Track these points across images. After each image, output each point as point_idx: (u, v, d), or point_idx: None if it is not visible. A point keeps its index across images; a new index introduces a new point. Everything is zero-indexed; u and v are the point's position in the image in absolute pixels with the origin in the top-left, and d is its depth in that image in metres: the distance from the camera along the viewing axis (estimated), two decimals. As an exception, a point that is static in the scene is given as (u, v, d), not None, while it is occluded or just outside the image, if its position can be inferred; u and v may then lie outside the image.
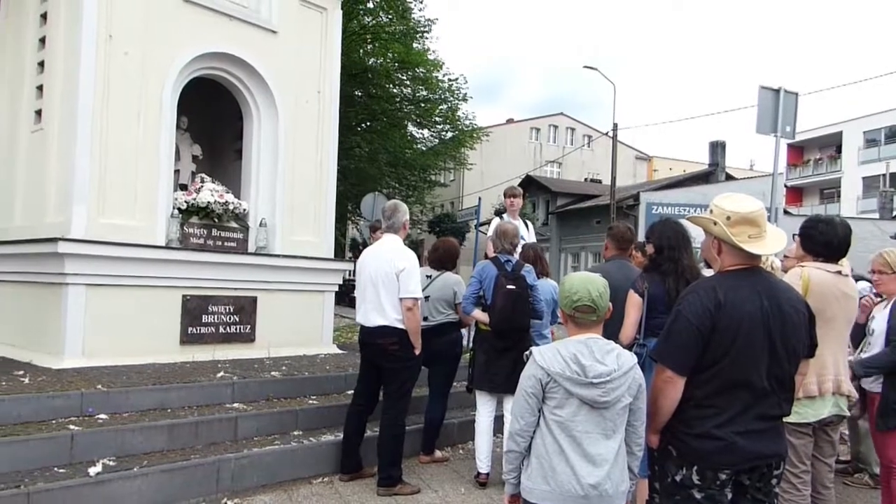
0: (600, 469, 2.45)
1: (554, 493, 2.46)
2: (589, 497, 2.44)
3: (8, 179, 6.82)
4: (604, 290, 2.59)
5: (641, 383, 2.55)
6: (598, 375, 2.45)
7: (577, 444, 2.47)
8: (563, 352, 2.51)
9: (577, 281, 2.62)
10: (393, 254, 4.82)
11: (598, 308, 2.57)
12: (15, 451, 3.96)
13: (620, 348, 2.59)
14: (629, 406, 2.52)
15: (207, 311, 6.60)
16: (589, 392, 2.45)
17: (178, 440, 4.61)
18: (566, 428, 2.48)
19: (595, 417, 2.48)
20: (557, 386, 2.48)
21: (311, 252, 7.57)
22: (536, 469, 2.52)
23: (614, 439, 2.50)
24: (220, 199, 6.80)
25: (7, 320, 6.57)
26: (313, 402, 5.70)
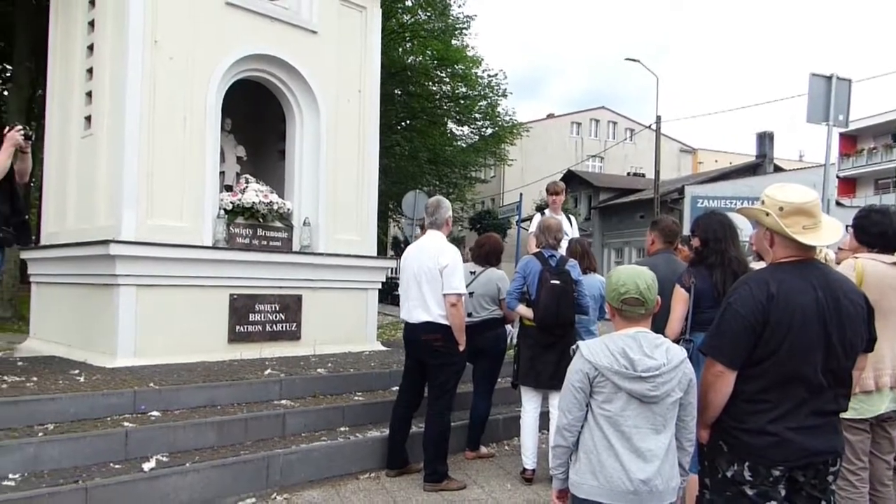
0: (650, 464, 2.42)
1: (603, 488, 2.44)
2: (639, 493, 2.41)
3: (60, 184, 7.05)
4: (652, 283, 2.55)
5: (692, 378, 2.50)
6: (647, 370, 2.41)
7: (626, 439, 2.44)
8: (610, 346, 2.48)
9: (625, 273, 2.58)
10: (436, 250, 4.83)
11: (647, 301, 2.53)
12: (73, 448, 4.09)
13: (670, 342, 2.54)
14: (679, 401, 2.48)
15: (254, 310, 6.72)
16: (638, 386, 2.41)
17: (228, 436, 4.70)
18: (615, 423, 2.45)
19: (645, 412, 2.44)
20: (605, 380, 2.45)
21: (355, 250, 7.64)
22: (585, 464, 2.50)
23: (664, 434, 2.46)
24: (264, 200, 6.91)
25: (62, 321, 6.79)
26: (359, 398, 5.75)
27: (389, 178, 24.26)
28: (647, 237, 4.93)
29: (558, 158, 44.80)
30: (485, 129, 30.91)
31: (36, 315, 7.39)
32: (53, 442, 4.05)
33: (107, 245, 5.72)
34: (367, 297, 7.80)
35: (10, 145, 4.93)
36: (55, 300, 6.98)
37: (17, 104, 15.07)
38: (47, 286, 7.15)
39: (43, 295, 7.26)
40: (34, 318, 7.42)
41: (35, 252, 7.21)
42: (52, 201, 7.27)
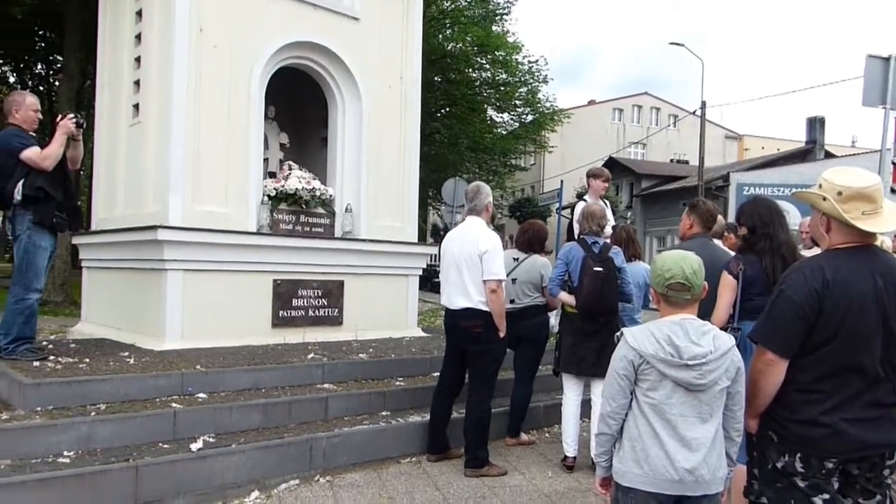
0: (696, 454, 2.38)
1: (647, 476, 2.41)
2: (684, 482, 2.37)
3: (110, 171, 7.22)
4: (698, 268, 2.49)
5: (740, 366, 2.45)
6: (693, 357, 2.36)
7: (671, 427, 2.40)
8: (656, 333, 2.44)
9: (670, 258, 2.53)
10: (476, 235, 4.82)
11: (693, 286, 2.47)
12: (124, 427, 4.20)
13: (717, 329, 2.49)
14: (727, 389, 2.43)
15: (297, 295, 6.81)
16: (684, 374, 2.37)
17: (273, 419, 4.78)
18: (660, 411, 2.42)
19: (691, 400, 2.40)
20: (650, 368, 2.41)
21: (396, 237, 7.68)
22: (629, 452, 2.47)
23: (711, 423, 2.41)
24: (307, 186, 6.97)
25: (112, 305, 6.97)
26: (400, 383, 5.79)
27: (429, 166, 24.30)
28: (683, 221, 4.81)
29: (599, 145, 44.25)
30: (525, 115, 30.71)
31: (87, 299, 7.60)
32: (105, 421, 4.17)
33: (155, 230, 5.84)
34: (407, 284, 7.83)
35: (63, 133, 5.06)
36: (105, 284, 7.17)
37: (68, 94, 15.46)
38: (98, 271, 7.35)
39: (94, 279, 7.47)
40: (85, 302, 7.64)
41: (86, 237, 7.42)
42: (102, 188, 7.45)
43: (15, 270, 5.15)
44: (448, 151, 27.75)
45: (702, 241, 4.59)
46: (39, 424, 3.97)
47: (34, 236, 5.01)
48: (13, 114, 5.09)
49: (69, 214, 5.22)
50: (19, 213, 5.00)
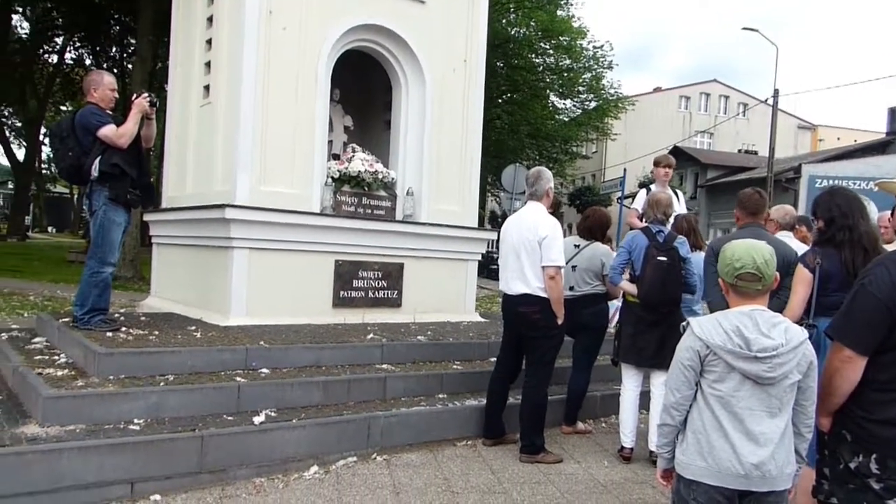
0: (764, 449, 2.32)
1: (711, 469, 2.36)
2: (750, 477, 2.32)
3: (181, 151, 7.44)
4: (770, 258, 2.41)
5: (812, 360, 2.37)
6: (763, 349, 2.30)
7: (738, 420, 2.34)
8: (724, 323, 2.38)
9: (740, 247, 2.45)
10: (535, 221, 4.80)
11: (764, 276, 2.39)
12: (190, 398, 4.35)
13: (789, 322, 2.41)
14: (798, 384, 2.36)
15: (358, 276, 6.90)
16: (753, 367, 2.31)
17: (332, 396, 4.87)
18: (727, 404, 2.36)
19: (759, 394, 2.33)
20: (717, 359, 2.36)
21: (456, 221, 7.69)
22: (693, 444, 2.43)
23: (780, 418, 2.35)
24: (370, 169, 7.04)
25: (180, 280, 7.21)
26: (457, 367, 5.83)
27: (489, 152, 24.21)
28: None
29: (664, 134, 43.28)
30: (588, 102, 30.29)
31: (156, 274, 7.88)
32: (174, 392, 4.32)
33: (223, 209, 5.99)
34: (466, 268, 7.85)
35: (138, 112, 5.23)
36: (174, 260, 7.41)
37: (141, 76, 15.98)
38: (167, 247, 7.60)
39: (163, 255, 7.73)
40: (154, 277, 7.91)
41: (157, 214, 7.67)
42: (172, 167, 7.69)
43: (91, 244, 5.37)
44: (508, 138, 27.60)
45: (752, 230, 4.43)
46: (112, 392, 4.14)
47: (109, 212, 5.21)
48: (91, 92, 5.28)
49: (142, 191, 5.40)
50: (96, 189, 5.21)
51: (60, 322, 5.57)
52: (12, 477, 3.36)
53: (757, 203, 4.54)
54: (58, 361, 4.87)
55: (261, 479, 4.08)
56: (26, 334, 6.12)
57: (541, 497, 4.14)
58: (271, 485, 4.04)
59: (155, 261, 7.92)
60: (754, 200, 4.53)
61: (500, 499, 4.06)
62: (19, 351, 5.23)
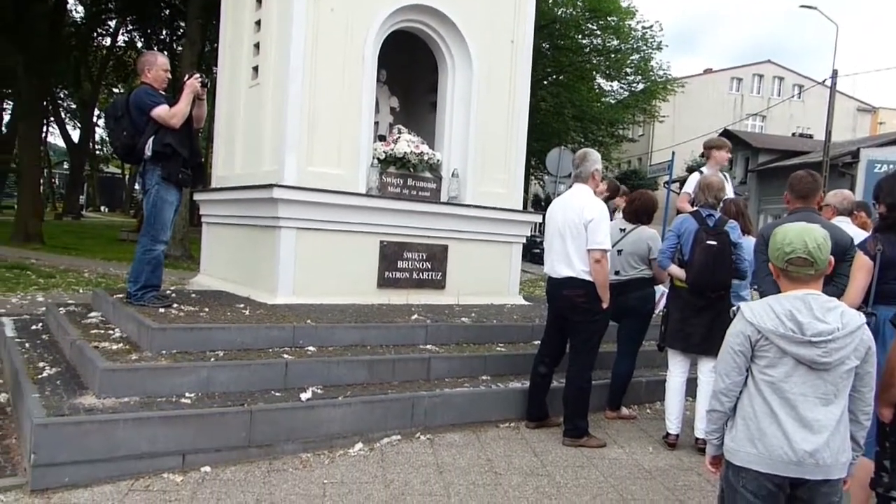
0: (818, 436, 2.27)
1: (762, 457, 2.33)
2: (803, 464, 2.27)
3: (230, 131, 7.56)
4: (823, 241, 2.35)
5: (871, 346, 2.30)
6: (817, 334, 2.25)
7: (791, 407, 2.30)
8: (776, 308, 2.33)
9: (792, 231, 2.39)
10: (581, 204, 4.75)
11: (817, 261, 2.33)
12: (239, 374, 4.45)
13: (845, 306, 2.35)
14: (854, 370, 2.30)
15: (402, 258, 6.95)
16: (807, 352, 2.26)
17: (377, 375, 4.94)
18: (779, 389, 2.32)
19: (813, 380, 2.28)
20: (769, 344, 2.31)
21: (500, 203, 7.66)
22: (742, 431, 2.39)
23: (836, 405, 2.29)
24: (415, 150, 7.06)
25: (228, 259, 7.36)
26: (501, 349, 5.84)
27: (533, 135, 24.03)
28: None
29: (714, 117, 42.33)
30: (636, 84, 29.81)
31: (205, 253, 8.05)
32: (223, 367, 4.42)
33: (270, 189, 6.08)
34: (511, 251, 7.83)
35: (190, 92, 5.33)
36: (223, 239, 7.56)
37: (190, 58, 16.28)
38: (216, 226, 7.75)
39: (212, 234, 7.89)
40: (204, 256, 8.09)
41: (206, 194, 7.82)
42: (221, 147, 7.82)
43: (144, 223, 5.51)
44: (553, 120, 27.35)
45: (805, 215, 4.27)
46: (165, 366, 4.27)
47: (162, 191, 5.33)
48: (145, 73, 5.40)
49: (193, 171, 5.51)
50: (149, 169, 5.33)
51: (115, 298, 5.74)
52: (71, 445, 3.49)
53: (808, 185, 4.33)
54: (113, 336, 5.03)
55: (307, 455, 4.16)
56: (82, 309, 6.33)
57: (584, 481, 4.14)
58: (317, 460, 4.12)
59: (204, 240, 8.10)
60: (805, 182, 4.33)
61: (543, 481, 4.07)
62: (76, 325, 5.41)
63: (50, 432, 3.46)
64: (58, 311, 6.03)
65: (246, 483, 3.71)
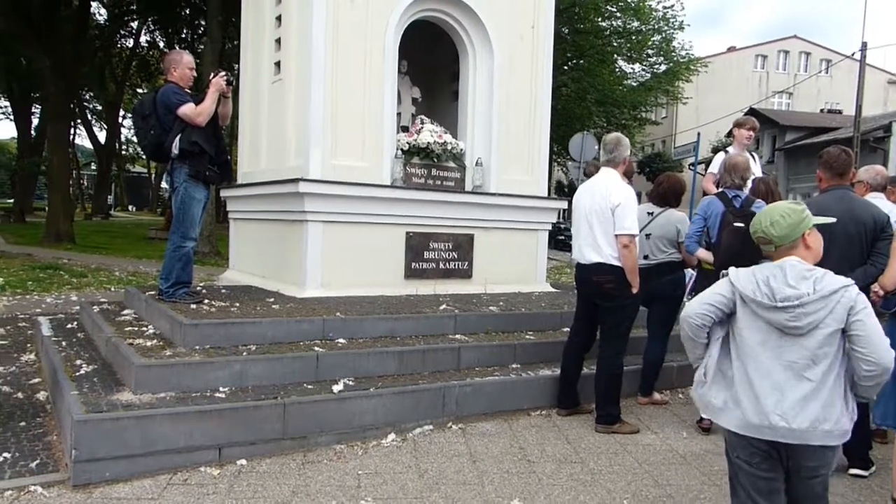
0: (789, 400, 2.31)
1: (740, 420, 2.40)
2: (775, 427, 2.32)
3: (254, 127, 7.61)
4: (779, 218, 2.44)
5: (854, 306, 2.30)
6: (785, 298, 2.32)
7: (765, 371, 2.36)
8: (757, 275, 2.43)
9: (761, 213, 2.53)
10: (608, 188, 4.72)
11: (773, 238, 2.44)
12: (272, 367, 4.49)
13: (831, 274, 2.37)
14: (841, 332, 2.32)
15: (428, 248, 6.95)
16: (776, 316, 2.34)
17: (407, 366, 4.96)
18: (754, 353, 2.39)
19: (789, 345, 2.34)
20: (745, 308, 2.41)
21: (525, 191, 7.63)
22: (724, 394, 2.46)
23: (814, 370, 2.32)
24: (439, 140, 7.04)
25: (256, 254, 7.42)
26: (530, 337, 5.82)
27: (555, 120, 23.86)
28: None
29: (739, 96, 41.67)
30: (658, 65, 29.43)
31: (233, 249, 8.12)
32: (256, 361, 4.47)
33: (296, 183, 6.11)
34: (537, 238, 7.80)
35: (215, 90, 5.36)
36: (250, 235, 7.62)
37: (211, 56, 16.36)
38: (243, 222, 7.82)
39: (239, 230, 7.96)
40: (232, 252, 8.16)
41: (232, 190, 7.89)
42: (246, 143, 7.87)
43: (173, 220, 5.57)
44: (575, 105, 27.13)
45: (839, 193, 4.18)
46: (198, 361, 4.32)
47: (190, 188, 5.38)
48: (171, 72, 5.44)
49: (220, 168, 5.55)
50: (177, 167, 5.39)
51: (147, 295, 5.82)
52: (110, 440, 3.56)
53: (844, 163, 4.24)
54: (146, 332, 5.11)
55: (340, 446, 4.20)
56: (115, 307, 6.43)
57: (618, 467, 4.12)
58: (351, 451, 4.15)
59: (232, 236, 8.17)
60: (841, 160, 4.23)
61: (577, 468, 4.06)
62: (111, 322, 5.50)
63: (89, 428, 3.52)
64: (92, 310, 6.14)
65: (281, 475, 3.75)
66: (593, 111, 27.77)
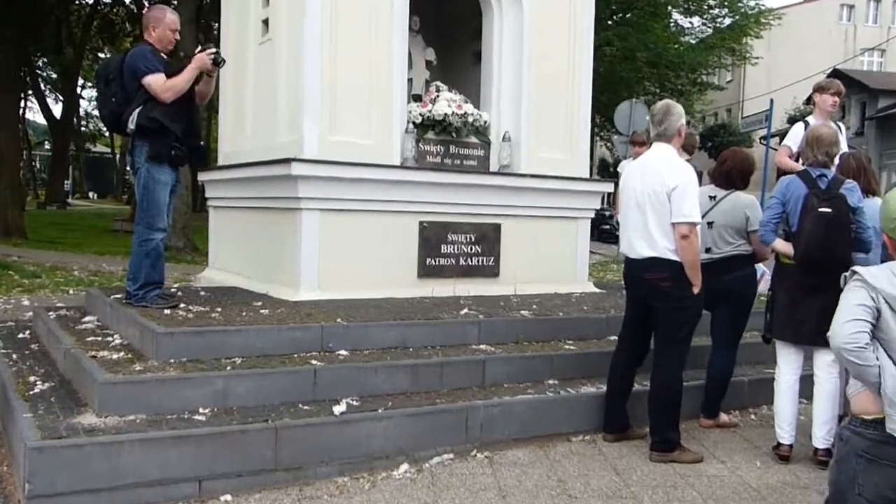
0: None
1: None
2: None
3: (238, 97, 7.64)
4: None
5: None
6: None
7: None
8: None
9: None
10: (663, 167, 4.70)
11: None
12: (260, 384, 4.51)
13: None
14: None
15: (446, 241, 6.96)
16: None
17: (422, 382, 4.96)
18: None
19: None
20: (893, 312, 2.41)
21: (562, 171, 7.61)
22: None
23: None
24: (457, 111, 7.03)
25: (241, 249, 7.46)
26: (569, 347, 5.82)
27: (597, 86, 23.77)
28: None
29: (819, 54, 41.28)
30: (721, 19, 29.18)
31: (214, 243, 8.18)
32: (241, 377, 4.48)
33: (288, 164, 6.11)
34: (577, 228, 7.79)
35: (196, 67, 5.40)
36: (233, 226, 7.67)
37: (188, 13, 16.40)
38: (225, 211, 7.87)
39: (220, 221, 8.01)
40: (212, 246, 8.22)
41: (212, 173, 7.93)
42: (229, 117, 7.91)
43: (137, 209, 5.60)
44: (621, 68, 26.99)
45: None
46: (174, 377, 4.35)
47: (153, 170, 5.39)
48: (150, 31, 5.47)
49: (191, 153, 5.57)
50: (137, 145, 5.41)
51: (112, 299, 5.87)
52: (71, 472, 3.58)
53: None
54: (112, 343, 5.15)
55: (343, 479, 4.21)
56: (75, 313, 6.49)
57: (678, 503, 4.10)
58: (356, 485, 4.16)
59: (212, 227, 8.22)
60: None
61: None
62: (69, 331, 5.55)
63: (46, 457, 3.55)
64: (47, 316, 6.20)
65: (274, 513, 3.77)
66: (644, 74, 27.63)
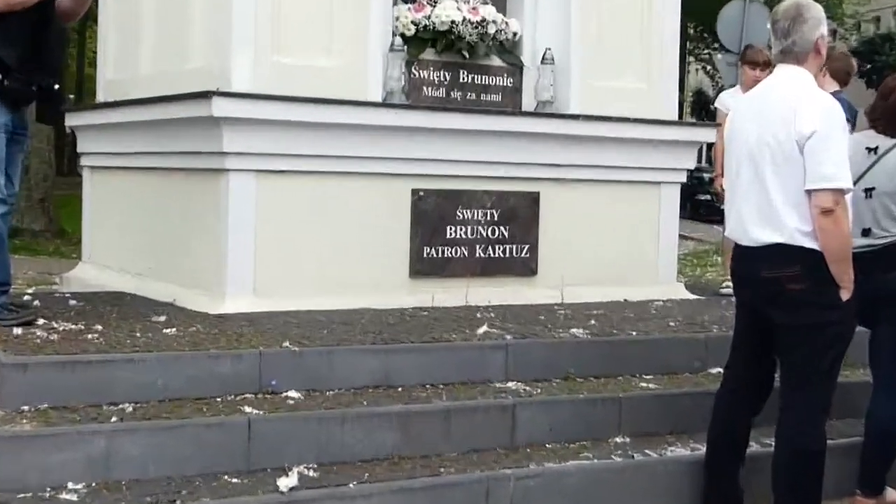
0: None
1: None
2: None
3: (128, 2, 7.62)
4: None
5: None
6: None
7: None
8: None
9: None
10: (794, 104, 4.64)
11: None
12: (163, 443, 4.47)
13: None
14: None
15: (454, 219, 6.97)
16: None
17: (418, 440, 4.94)
18: None
19: None
20: None
21: (635, 111, 7.61)
22: None
23: None
24: (471, 17, 7.00)
25: (130, 234, 7.48)
26: (648, 385, 5.84)
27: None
28: None
29: None
30: None
31: (91, 224, 8.19)
32: (134, 432, 4.46)
33: (207, 100, 6.07)
34: (659, 200, 7.84)
35: None
36: (120, 198, 7.69)
37: None
38: (108, 174, 7.88)
39: (101, 189, 8.03)
40: (88, 231, 8.23)
41: (87, 115, 7.97)
42: (111, 30, 7.91)
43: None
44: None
45: None
46: (30, 434, 4.32)
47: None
48: None
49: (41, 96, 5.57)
50: None
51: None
52: None
53: None
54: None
55: None
56: None
57: None
58: None
59: (88, 200, 8.21)
60: None
61: None
62: None
63: None
64: None
65: None
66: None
